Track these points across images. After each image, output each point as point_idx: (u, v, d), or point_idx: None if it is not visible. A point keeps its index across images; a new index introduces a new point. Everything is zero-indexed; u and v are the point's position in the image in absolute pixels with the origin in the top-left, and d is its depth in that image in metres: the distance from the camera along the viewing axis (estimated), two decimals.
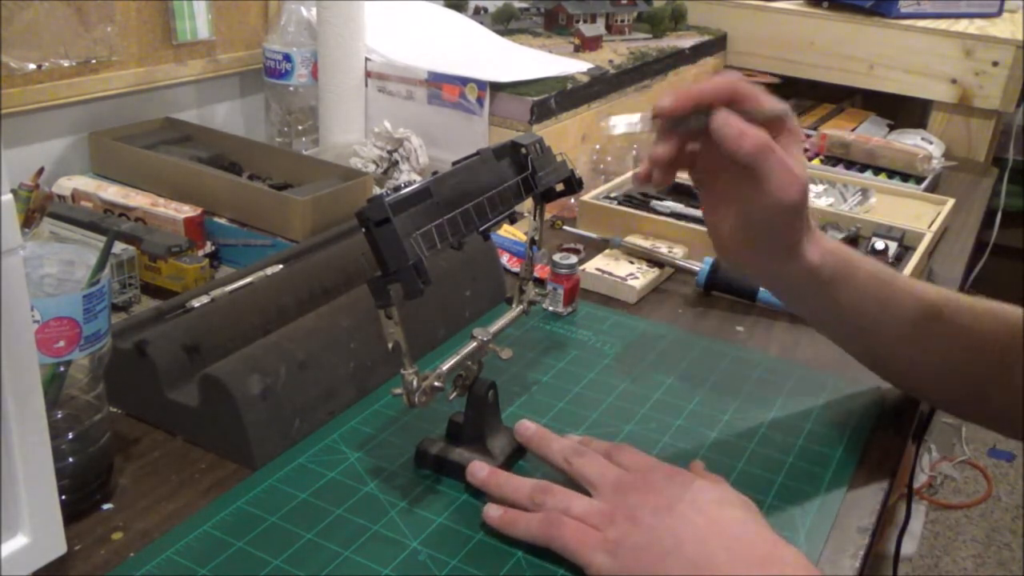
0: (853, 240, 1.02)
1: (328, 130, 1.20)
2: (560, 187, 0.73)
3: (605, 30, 1.48)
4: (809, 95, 1.71)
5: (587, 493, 0.58)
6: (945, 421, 2.35)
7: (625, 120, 0.70)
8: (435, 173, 0.63)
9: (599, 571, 0.54)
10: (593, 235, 1.03)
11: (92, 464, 0.59)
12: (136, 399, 0.68)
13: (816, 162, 1.36)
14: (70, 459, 0.57)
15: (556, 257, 0.87)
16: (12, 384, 0.45)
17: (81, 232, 0.87)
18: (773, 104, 0.62)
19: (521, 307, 0.75)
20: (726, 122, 0.59)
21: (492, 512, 0.58)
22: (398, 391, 0.60)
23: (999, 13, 1.67)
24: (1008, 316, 0.67)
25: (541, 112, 1.13)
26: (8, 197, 0.42)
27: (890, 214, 1.13)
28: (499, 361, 0.80)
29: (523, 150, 0.69)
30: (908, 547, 1.90)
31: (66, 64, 1.01)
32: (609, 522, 0.55)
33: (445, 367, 0.62)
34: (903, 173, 1.31)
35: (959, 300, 0.69)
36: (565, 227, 1.07)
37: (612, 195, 1.10)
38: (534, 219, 0.75)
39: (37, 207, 0.74)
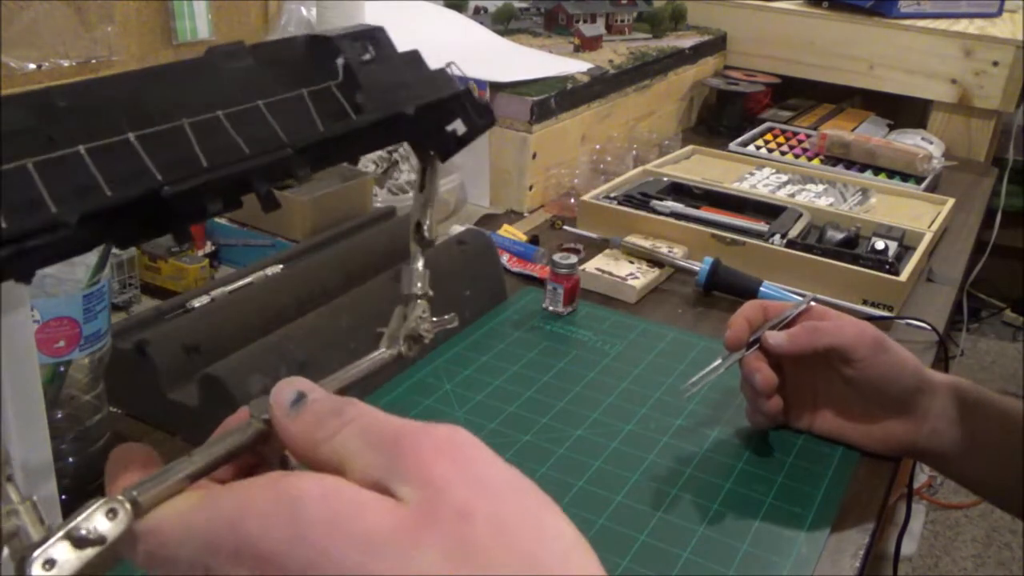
0: (853, 240, 1.02)
1: None
2: (460, 129, 0.38)
3: (605, 30, 1.48)
4: (809, 95, 1.71)
5: None
6: None
7: (703, 374, 0.70)
8: None
9: None
10: (593, 235, 1.03)
11: (92, 464, 0.59)
12: (136, 399, 0.68)
13: (816, 162, 1.36)
14: (70, 459, 0.57)
15: (556, 257, 0.87)
16: (12, 384, 0.45)
17: None
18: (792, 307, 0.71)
19: (396, 349, 0.41)
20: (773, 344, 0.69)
21: None
22: None
23: (999, 13, 1.67)
24: None
25: (541, 112, 1.13)
26: None
27: (890, 214, 1.13)
28: (499, 361, 0.80)
29: (337, 51, 0.38)
30: (908, 547, 1.90)
31: (66, 64, 1.01)
32: None
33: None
34: (903, 173, 1.31)
35: None
36: (565, 227, 1.07)
37: (612, 195, 1.10)
38: (420, 190, 0.40)
39: None
